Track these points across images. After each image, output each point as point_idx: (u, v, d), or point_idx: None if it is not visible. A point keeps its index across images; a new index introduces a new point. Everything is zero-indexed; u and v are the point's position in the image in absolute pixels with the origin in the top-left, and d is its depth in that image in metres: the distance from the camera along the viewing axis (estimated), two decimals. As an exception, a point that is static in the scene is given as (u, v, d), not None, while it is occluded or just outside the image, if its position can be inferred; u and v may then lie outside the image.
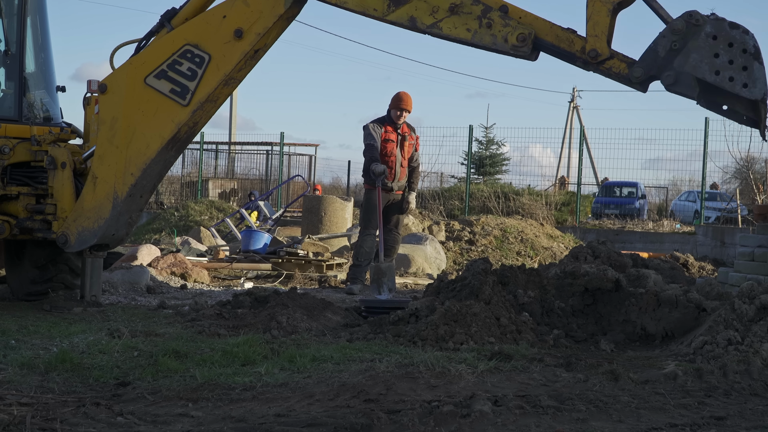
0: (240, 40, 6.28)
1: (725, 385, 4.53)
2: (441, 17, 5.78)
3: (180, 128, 6.49)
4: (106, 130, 6.63)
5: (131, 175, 6.59)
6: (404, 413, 3.77)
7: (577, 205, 21.78)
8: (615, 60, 5.55)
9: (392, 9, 5.88)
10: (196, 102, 6.42)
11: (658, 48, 5.34)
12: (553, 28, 5.68)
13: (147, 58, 6.53)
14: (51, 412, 3.74)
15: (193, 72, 6.38)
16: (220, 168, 28.75)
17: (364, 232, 9.70)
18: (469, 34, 5.73)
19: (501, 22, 5.65)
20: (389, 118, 9.65)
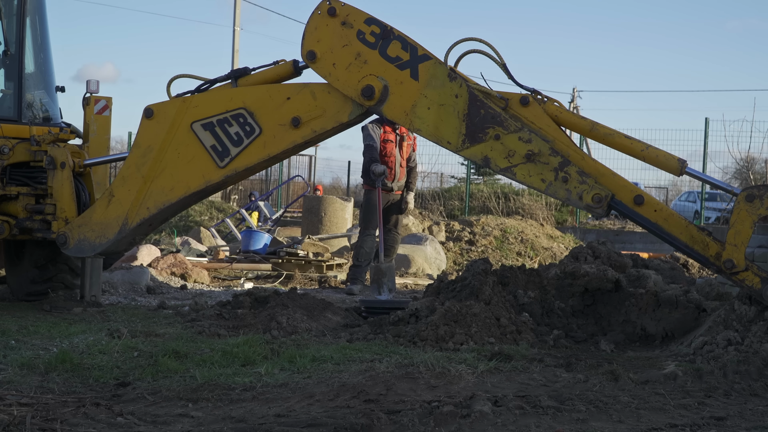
0: (295, 129, 6.04)
1: (725, 386, 4.53)
2: (516, 162, 5.58)
3: (208, 186, 6.34)
4: (138, 155, 6.43)
5: (147, 209, 6.43)
6: (404, 413, 3.77)
7: (577, 205, 21.76)
8: (749, 273, 5.40)
9: (467, 146, 5.70)
10: (232, 169, 6.20)
11: None
12: (689, 227, 5.54)
13: (201, 102, 6.28)
14: (51, 412, 3.74)
15: (239, 138, 6.15)
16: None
17: (364, 233, 9.70)
18: (544, 185, 5.58)
19: (578, 178, 5.50)
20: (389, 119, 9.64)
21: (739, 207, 5.39)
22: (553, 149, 5.55)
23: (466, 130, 5.66)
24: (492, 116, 5.62)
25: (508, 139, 5.57)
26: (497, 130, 5.60)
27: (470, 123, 5.66)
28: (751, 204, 5.36)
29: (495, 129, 5.60)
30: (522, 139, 5.56)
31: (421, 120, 5.78)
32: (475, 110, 5.65)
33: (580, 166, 5.56)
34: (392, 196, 9.70)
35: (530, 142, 5.54)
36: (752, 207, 5.36)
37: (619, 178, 5.67)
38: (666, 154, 5.71)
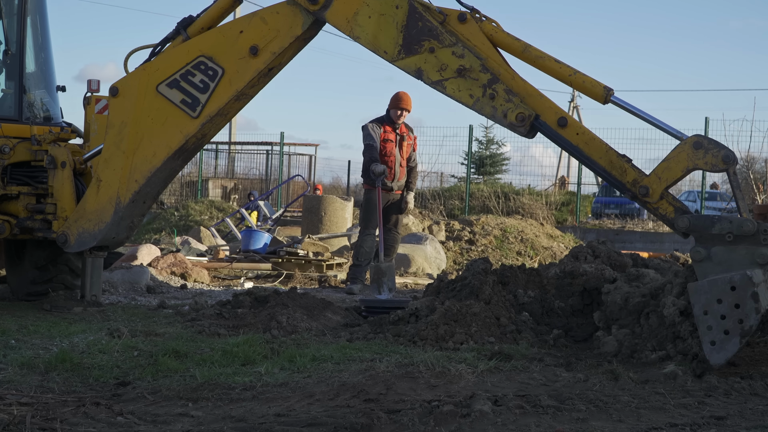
0: (255, 57, 6.17)
1: (725, 385, 4.53)
2: (447, 77, 5.73)
3: (188, 140, 6.43)
4: (114, 134, 6.56)
5: (135, 182, 6.53)
6: (404, 413, 3.77)
7: (577, 204, 21.80)
8: (664, 202, 5.44)
9: (402, 56, 5.83)
10: (206, 115, 6.34)
11: (716, 225, 5.13)
12: (609, 152, 5.56)
13: (161, 65, 6.44)
14: (51, 412, 3.74)
15: (205, 84, 6.30)
16: (220, 168, 28.77)
17: (364, 232, 9.70)
18: (471, 100, 5.71)
19: (504, 96, 5.61)
20: (388, 118, 9.65)
21: (683, 149, 5.34)
22: (484, 66, 5.66)
23: (403, 41, 5.80)
24: (429, 29, 5.74)
25: (442, 53, 5.71)
26: (432, 43, 5.74)
27: (407, 34, 5.79)
28: (695, 152, 5.31)
29: (430, 42, 5.74)
30: (455, 53, 5.68)
31: (361, 28, 5.90)
32: (414, 22, 5.77)
33: (509, 85, 5.65)
34: (392, 196, 9.70)
35: (463, 57, 5.67)
36: (695, 154, 5.32)
37: (547, 99, 5.70)
38: (593, 80, 5.73)
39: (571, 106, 44.48)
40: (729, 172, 5.31)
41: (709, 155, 5.28)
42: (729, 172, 5.31)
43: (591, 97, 5.78)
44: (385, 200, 9.52)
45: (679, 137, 5.49)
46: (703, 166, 5.36)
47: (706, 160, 5.31)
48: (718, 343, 4.86)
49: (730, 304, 4.86)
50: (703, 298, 4.95)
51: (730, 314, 4.85)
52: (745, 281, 4.86)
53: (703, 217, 5.32)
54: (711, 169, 5.38)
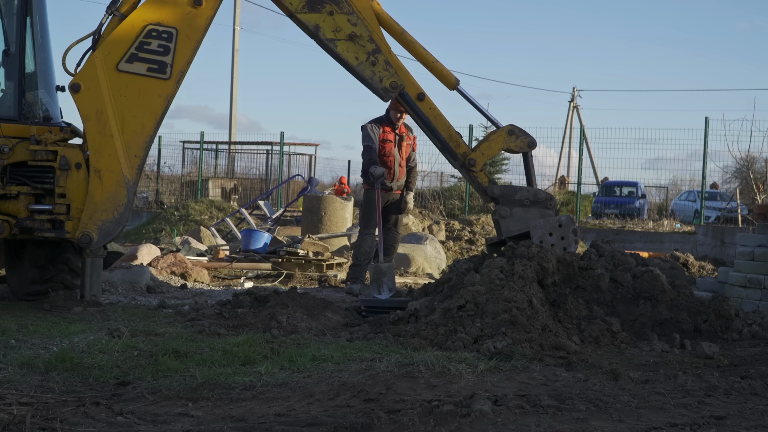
0: (200, 6, 6.73)
1: (725, 385, 4.53)
2: (340, 38, 6.83)
3: (167, 101, 6.78)
4: (93, 124, 6.77)
5: (135, 156, 6.82)
6: (404, 413, 3.77)
7: (577, 204, 21.78)
8: (482, 173, 7.06)
9: (305, 10, 6.80)
10: (178, 73, 6.76)
11: (518, 193, 6.93)
12: (450, 128, 7.05)
13: (111, 48, 6.73)
14: (51, 411, 3.74)
15: (164, 48, 6.70)
16: (220, 168, 28.74)
17: (363, 232, 9.70)
18: (356, 62, 6.88)
19: (383, 65, 6.89)
20: (387, 119, 9.63)
21: (500, 134, 7.06)
22: (371, 38, 6.86)
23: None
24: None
25: (339, 18, 6.84)
26: (333, 7, 6.84)
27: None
28: (509, 137, 7.05)
29: (331, 6, 6.84)
30: (350, 21, 6.84)
31: None
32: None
33: (388, 57, 6.92)
34: (392, 196, 9.69)
35: (356, 25, 6.84)
36: (509, 138, 7.06)
37: (411, 76, 6.99)
38: (447, 71, 7.13)
39: (571, 106, 44.47)
40: (528, 154, 7.11)
41: (519, 140, 7.05)
42: (528, 154, 7.11)
43: (444, 83, 7.12)
44: (384, 200, 9.52)
45: (497, 125, 7.11)
46: (514, 147, 7.07)
47: (516, 143, 7.05)
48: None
49: (557, 236, 6.75)
50: (539, 232, 6.73)
51: (557, 243, 6.70)
52: (568, 221, 6.83)
53: (509, 187, 7.23)
54: (519, 150, 7.05)
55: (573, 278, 6.37)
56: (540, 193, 6.97)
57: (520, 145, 7.03)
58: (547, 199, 6.93)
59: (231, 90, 33.53)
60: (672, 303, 6.28)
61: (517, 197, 6.89)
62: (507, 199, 6.90)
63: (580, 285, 6.35)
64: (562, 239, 6.72)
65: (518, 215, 6.85)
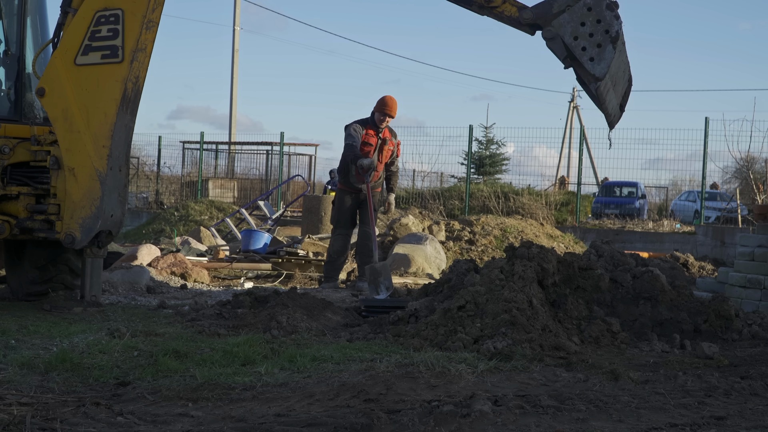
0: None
1: (725, 385, 4.53)
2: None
3: (126, 84, 6.68)
4: (61, 124, 6.76)
5: (103, 147, 6.73)
6: (404, 413, 3.77)
7: (577, 204, 21.79)
8: (507, 4, 5.99)
9: None
10: (129, 53, 6.66)
11: (554, 5, 5.79)
12: None
13: (67, 44, 6.72)
14: (51, 412, 3.74)
15: (114, 31, 6.64)
16: (220, 168, 28.75)
17: (335, 232, 9.75)
18: None
19: None
20: (372, 121, 9.61)
21: None
22: None
23: None
24: None
25: None
26: None
27: None
28: None
29: None
30: None
31: None
32: None
33: None
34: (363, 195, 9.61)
35: None
36: None
37: None
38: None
39: (571, 107, 44.47)
40: None
41: None
42: None
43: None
44: (359, 199, 9.50)
45: None
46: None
47: None
48: (595, 57, 5.59)
49: (592, 22, 5.63)
50: (569, 28, 5.69)
51: (595, 30, 5.64)
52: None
53: (542, 3, 5.90)
54: None
55: (573, 279, 6.38)
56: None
57: None
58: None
59: (231, 90, 33.56)
60: (672, 303, 6.28)
61: (555, 10, 5.78)
62: (546, 18, 5.84)
63: (580, 285, 6.35)
64: (598, 23, 5.61)
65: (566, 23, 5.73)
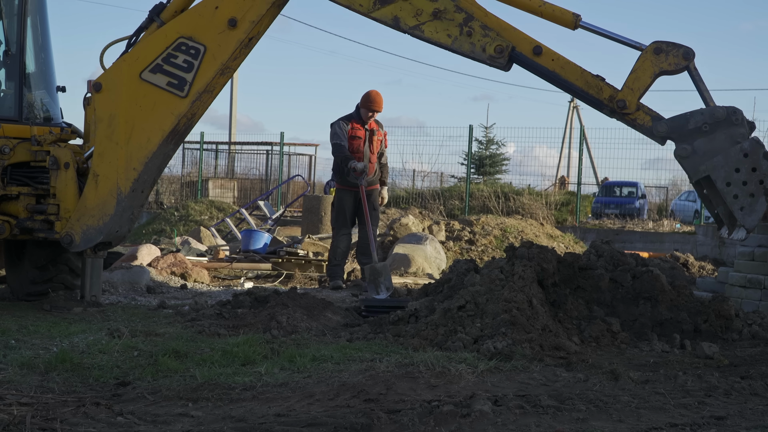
0: (234, 29, 6.38)
1: (725, 385, 4.53)
2: (424, 20, 5.98)
3: (179, 120, 6.56)
4: (104, 127, 6.66)
5: (134, 170, 6.63)
6: (404, 413, 3.77)
7: (577, 204, 21.78)
8: (640, 112, 5.78)
9: (377, 7, 6.08)
10: (195, 93, 6.50)
11: (690, 121, 5.58)
12: (584, 74, 5.85)
13: (140, 53, 6.58)
14: (51, 412, 3.74)
15: (189, 64, 6.45)
16: (220, 168, 28.73)
17: (338, 232, 9.74)
18: (450, 39, 5.96)
19: (481, 32, 5.89)
20: (357, 116, 9.60)
21: (645, 57, 5.70)
22: (458, 6, 5.94)
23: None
24: None
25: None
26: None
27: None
28: (657, 57, 5.68)
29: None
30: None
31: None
32: None
33: (484, 21, 5.92)
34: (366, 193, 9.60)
35: (436, 0, 5.94)
36: (657, 59, 5.69)
37: (520, 32, 5.95)
38: (561, 8, 5.99)
39: (571, 106, 44.44)
40: (690, 67, 5.69)
41: (671, 56, 5.70)
42: (690, 67, 5.69)
43: (561, 24, 5.98)
44: (358, 196, 9.47)
45: (639, 47, 5.79)
46: (667, 68, 5.71)
47: (669, 62, 5.70)
48: (746, 207, 5.39)
49: (747, 170, 5.40)
50: (722, 172, 5.45)
51: (749, 178, 5.42)
52: (754, 146, 5.43)
53: (677, 117, 5.70)
54: (675, 69, 5.69)
55: (573, 279, 6.37)
56: (718, 111, 5.56)
57: (674, 61, 5.70)
58: (729, 113, 5.54)
59: (231, 90, 33.57)
60: (672, 303, 6.28)
61: (691, 126, 5.59)
62: (681, 133, 5.63)
63: (580, 285, 6.35)
64: (753, 171, 5.41)
65: (703, 148, 5.54)
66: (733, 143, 5.48)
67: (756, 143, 5.43)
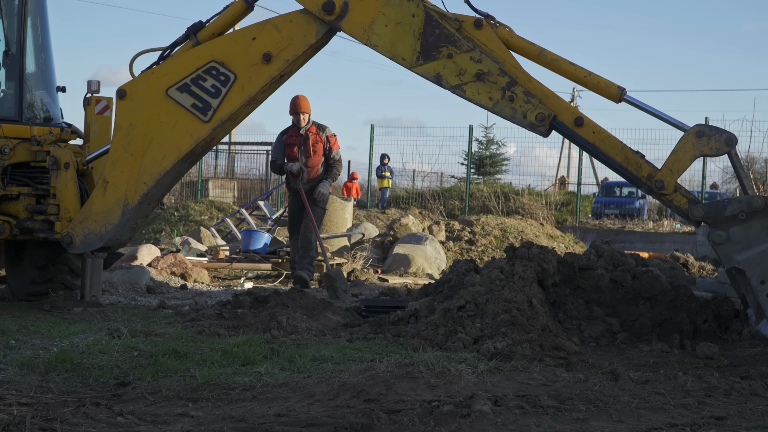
0: (268, 64, 6.24)
1: (725, 385, 4.53)
2: (466, 81, 5.90)
3: (198, 143, 6.46)
4: (121, 136, 6.54)
5: (144, 184, 6.54)
6: (404, 413, 3.77)
7: (577, 204, 21.79)
8: (678, 194, 5.78)
9: (420, 62, 5.99)
10: (218, 120, 6.38)
11: (727, 207, 5.55)
12: (624, 149, 5.86)
13: (170, 69, 6.44)
14: (51, 412, 3.74)
15: (217, 90, 6.32)
16: (220, 168, 28.73)
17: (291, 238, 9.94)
18: (491, 102, 5.90)
19: (523, 98, 5.83)
20: (293, 124, 9.73)
21: (687, 139, 5.71)
22: (502, 70, 5.87)
23: (421, 48, 5.96)
24: (446, 36, 5.93)
25: (460, 59, 5.90)
26: (450, 49, 5.91)
27: (425, 41, 5.96)
28: (699, 140, 5.69)
29: (448, 48, 5.91)
30: (473, 58, 5.88)
31: (378, 36, 6.04)
32: (431, 30, 5.94)
33: (527, 87, 5.87)
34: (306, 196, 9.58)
35: (481, 62, 5.87)
36: (699, 142, 5.69)
37: (562, 100, 5.98)
38: (607, 81, 5.99)
39: (571, 106, 44.42)
40: (731, 153, 5.69)
41: (713, 141, 5.67)
42: (731, 153, 5.69)
43: (606, 96, 5.99)
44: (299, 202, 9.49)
45: (681, 128, 5.74)
46: (708, 152, 5.72)
47: (711, 146, 5.68)
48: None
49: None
50: (758, 270, 5.27)
51: None
52: None
53: (714, 203, 5.69)
54: (716, 154, 5.72)
55: (573, 279, 6.38)
56: (756, 200, 5.51)
57: (716, 146, 5.68)
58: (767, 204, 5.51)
59: (231, 90, 33.50)
60: (672, 303, 6.28)
61: (727, 213, 5.53)
62: (716, 219, 5.57)
63: (580, 285, 6.35)
64: None
65: (738, 236, 5.48)
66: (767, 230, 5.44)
67: None
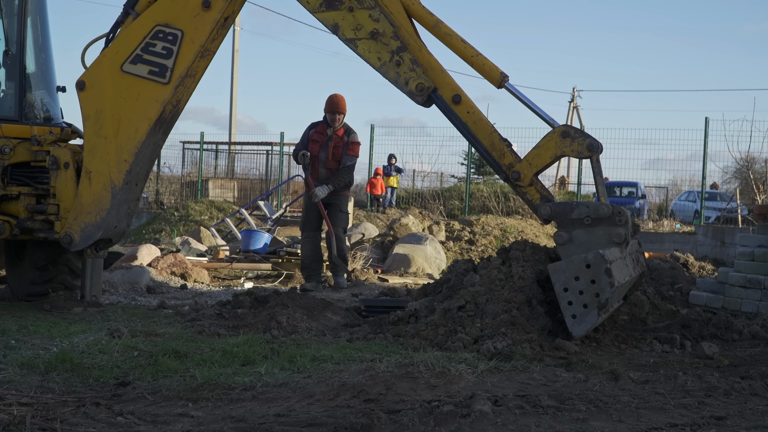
0: (209, 9, 6.49)
1: (725, 385, 4.53)
2: (361, 36, 6.15)
3: (165, 107, 6.62)
4: (91, 124, 6.71)
5: (125, 161, 6.68)
6: (404, 413, 3.77)
7: (577, 205, 21.75)
8: (532, 188, 5.95)
9: (322, 9, 6.26)
10: (177, 78, 6.57)
11: (575, 210, 5.68)
12: (493, 135, 6.00)
13: (119, 47, 6.65)
14: (51, 412, 3.74)
15: (168, 50, 6.53)
16: (220, 168, 28.74)
17: (302, 235, 9.86)
18: (379, 63, 6.11)
19: (409, 65, 6.04)
20: (325, 121, 9.67)
21: (551, 137, 5.84)
22: (396, 34, 6.08)
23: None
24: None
25: (360, 14, 6.14)
26: (352, 2, 6.17)
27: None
28: (563, 140, 5.82)
29: (351, 1, 6.17)
30: (372, 17, 6.12)
31: None
32: None
33: (415, 56, 6.06)
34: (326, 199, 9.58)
35: (378, 21, 6.10)
36: (562, 142, 5.82)
37: (447, 75, 6.08)
38: (492, 64, 6.09)
39: (571, 107, 44.47)
40: (592, 159, 5.79)
41: (576, 143, 5.81)
42: (592, 159, 5.79)
43: (487, 79, 6.10)
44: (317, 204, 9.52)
45: (551, 124, 5.90)
46: (569, 153, 5.83)
47: (573, 148, 5.81)
48: (578, 316, 5.36)
49: (586, 281, 5.33)
50: (562, 277, 5.39)
51: (587, 289, 5.33)
52: (598, 259, 5.32)
53: (563, 203, 5.83)
54: (577, 156, 5.82)
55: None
56: (602, 208, 5.62)
57: (577, 149, 5.80)
58: (614, 213, 5.60)
59: (231, 90, 33.58)
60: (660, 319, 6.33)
61: (574, 216, 5.64)
62: (563, 220, 5.69)
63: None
64: (592, 283, 5.33)
65: (580, 240, 5.61)
66: (609, 242, 5.54)
67: (600, 257, 5.33)
